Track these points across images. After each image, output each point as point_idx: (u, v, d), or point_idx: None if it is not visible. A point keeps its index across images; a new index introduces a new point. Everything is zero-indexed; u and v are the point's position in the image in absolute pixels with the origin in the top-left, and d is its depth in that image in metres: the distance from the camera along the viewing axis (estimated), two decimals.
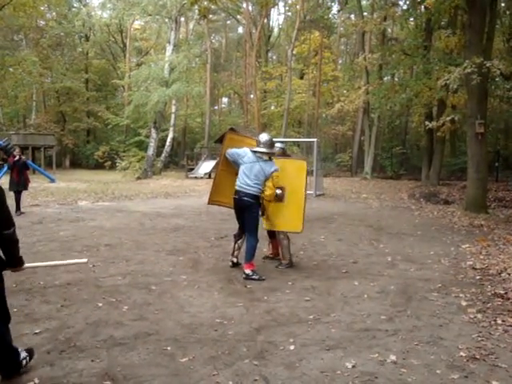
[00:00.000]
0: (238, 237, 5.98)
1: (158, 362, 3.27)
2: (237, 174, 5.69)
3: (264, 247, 6.78)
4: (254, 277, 5.43)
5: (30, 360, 3.15)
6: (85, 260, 4.20)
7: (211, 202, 6.14)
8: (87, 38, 36.82)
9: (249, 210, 5.59)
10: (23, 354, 3.10)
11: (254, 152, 5.62)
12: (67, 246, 7.01)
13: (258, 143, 5.69)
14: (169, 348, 3.50)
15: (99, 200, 13.71)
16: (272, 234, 6.39)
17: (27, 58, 27.60)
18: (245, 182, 5.54)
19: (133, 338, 3.67)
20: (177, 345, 3.56)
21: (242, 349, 3.50)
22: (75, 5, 36.45)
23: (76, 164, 36.24)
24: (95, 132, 38.69)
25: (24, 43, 34.31)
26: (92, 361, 3.26)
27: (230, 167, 5.90)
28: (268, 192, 5.56)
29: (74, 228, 8.69)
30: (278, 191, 5.72)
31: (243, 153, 5.67)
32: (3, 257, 3.01)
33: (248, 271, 5.48)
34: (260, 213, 5.73)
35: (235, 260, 5.98)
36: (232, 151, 5.75)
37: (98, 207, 11.96)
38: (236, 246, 6.00)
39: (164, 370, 3.15)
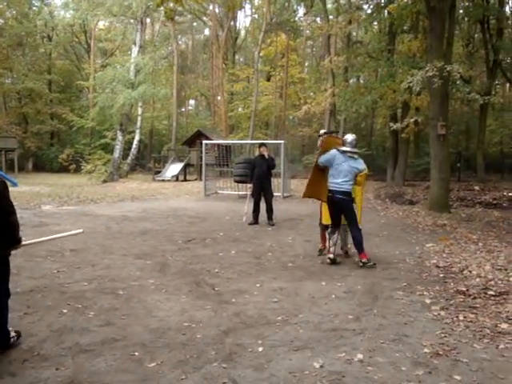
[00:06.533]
0: (332, 233, 6.42)
1: (126, 368, 3.22)
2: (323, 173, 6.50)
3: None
4: (369, 264, 6.11)
5: (17, 339, 3.54)
6: (80, 230, 4.09)
7: (305, 196, 6.96)
8: (50, 39, 35.90)
9: (343, 206, 6.30)
10: (12, 333, 3.50)
11: (343, 152, 6.28)
12: (30, 251, 6.79)
13: (345, 143, 6.39)
14: (136, 353, 3.45)
15: (64, 204, 13.38)
16: None
17: None
18: (334, 182, 6.28)
19: (99, 344, 3.61)
20: (144, 350, 3.52)
21: (210, 352, 3.49)
22: (36, 4, 35.49)
23: (39, 167, 35.25)
24: (59, 134, 37.73)
25: None
26: (57, 369, 3.18)
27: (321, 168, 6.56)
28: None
29: (38, 233, 8.42)
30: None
31: (332, 157, 6.32)
32: None
33: (364, 260, 6.13)
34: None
35: (332, 256, 6.35)
36: (323, 160, 6.41)
37: (62, 211, 11.67)
38: (331, 242, 6.36)
39: (132, 376, 3.11)
